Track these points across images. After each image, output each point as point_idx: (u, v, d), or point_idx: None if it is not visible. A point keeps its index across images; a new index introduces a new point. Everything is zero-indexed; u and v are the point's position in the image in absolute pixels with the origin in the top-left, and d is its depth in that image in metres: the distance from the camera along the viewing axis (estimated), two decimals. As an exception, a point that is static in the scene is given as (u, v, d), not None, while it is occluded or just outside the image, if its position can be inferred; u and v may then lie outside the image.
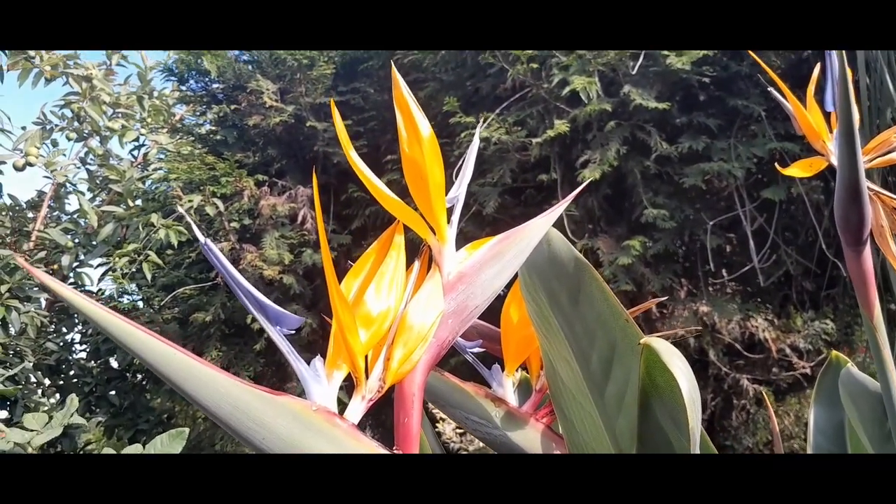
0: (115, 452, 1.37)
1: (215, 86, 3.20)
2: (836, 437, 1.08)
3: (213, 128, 3.20)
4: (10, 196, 4.44)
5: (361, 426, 0.54)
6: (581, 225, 2.50)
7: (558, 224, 2.61)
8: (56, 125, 4.01)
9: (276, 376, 3.05)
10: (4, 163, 3.85)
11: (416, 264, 0.63)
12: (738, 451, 3.87)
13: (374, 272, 0.61)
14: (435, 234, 0.62)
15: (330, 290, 0.52)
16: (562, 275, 0.70)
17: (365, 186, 0.59)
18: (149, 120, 4.06)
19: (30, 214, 4.36)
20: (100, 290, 4.09)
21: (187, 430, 1.41)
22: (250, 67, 3.17)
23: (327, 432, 0.51)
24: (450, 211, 0.65)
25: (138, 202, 3.67)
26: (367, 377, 0.55)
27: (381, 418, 3.26)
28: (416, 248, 0.64)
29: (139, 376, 3.91)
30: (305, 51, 2.85)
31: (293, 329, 0.54)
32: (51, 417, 1.35)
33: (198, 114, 3.45)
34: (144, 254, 2.69)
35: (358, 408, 0.55)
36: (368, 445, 0.52)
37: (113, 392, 3.89)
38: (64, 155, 4.07)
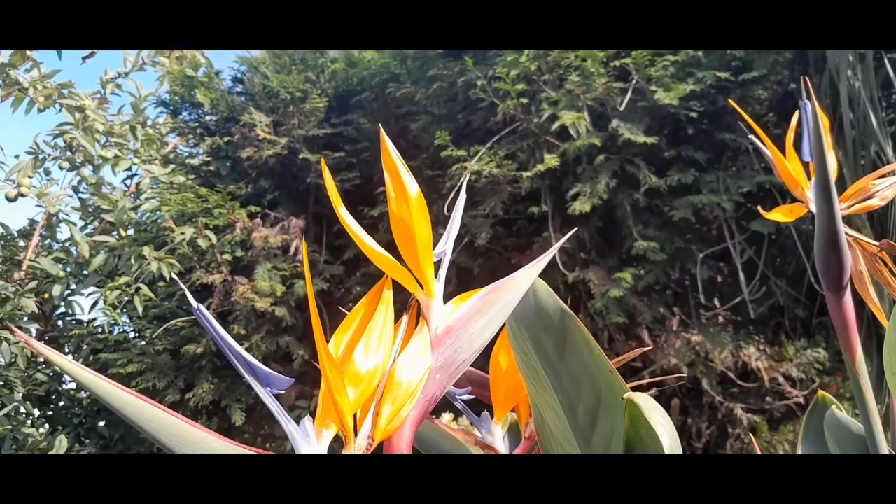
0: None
1: (208, 118, 3.23)
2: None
3: (207, 159, 3.22)
4: (2, 225, 4.44)
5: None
6: (572, 257, 2.52)
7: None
8: (49, 154, 4.02)
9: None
10: (-4, 193, 3.85)
11: (405, 318, 0.64)
12: (732, 481, 3.86)
13: (362, 328, 0.62)
14: (423, 288, 0.63)
15: (319, 352, 0.53)
16: (548, 326, 0.71)
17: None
18: (142, 150, 4.08)
19: (21, 243, 4.36)
20: (91, 319, 4.08)
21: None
22: (243, 99, 3.21)
23: (316, 492, 0.51)
24: (437, 265, 0.66)
25: (130, 232, 3.67)
26: (355, 435, 0.56)
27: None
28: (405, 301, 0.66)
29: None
30: (295, 82, 2.89)
31: (282, 390, 0.55)
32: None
33: (191, 144, 3.47)
34: (136, 287, 2.69)
35: (346, 466, 0.55)
36: None
37: (103, 423, 3.86)
38: (57, 184, 4.08)
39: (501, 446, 0.81)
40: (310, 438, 0.54)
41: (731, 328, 3.00)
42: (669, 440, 0.55)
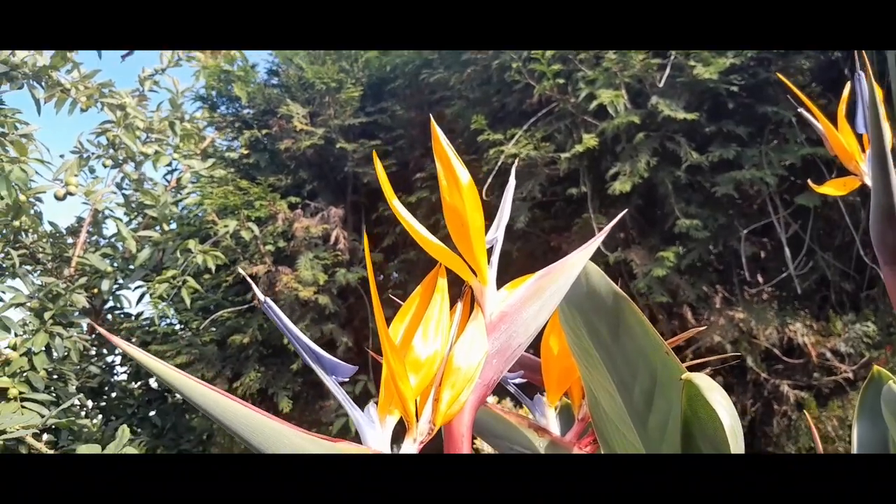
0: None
1: (245, 111, 3.27)
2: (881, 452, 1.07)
3: (245, 152, 3.27)
4: (51, 223, 4.58)
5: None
6: (613, 237, 2.50)
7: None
8: (92, 153, 4.13)
9: (313, 394, 3.09)
10: (44, 192, 3.97)
11: (459, 306, 0.65)
12: (782, 459, 3.80)
13: (419, 316, 0.63)
14: (476, 276, 0.64)
15: (381, 339, 0.54)
16: (601, 308, 0.71)
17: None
18: (181, 145, 4.15)
19: (69, 240, 4.48)
20: (139, 313, 4.19)
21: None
22: (279, 91, 3.24)
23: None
24: (489, 252, 0.67)
25: (173, 226, 3.75)
26: (417, 420, 0.57)
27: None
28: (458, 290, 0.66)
29: (179, 397, 3.98)
30: (329, 72, 2.91)
31: (347, 377, 0.57)
32: (103, 448, 1.39)
33: (229, 138, 3.52)
34: (182, 279, 2.75)
35: (410, 450, 0.57)
36: (422, 488, 0.54)
37: (154, 413, 3.97)
38: (101, 182, 4.18)
39: (555, 428, 0.82)
40: (374, 424, 0.56)
41: (776, 304, 2.95)
42: (730, 418, 0.55)
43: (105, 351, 4.22)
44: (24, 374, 3.35)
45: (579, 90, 2.35)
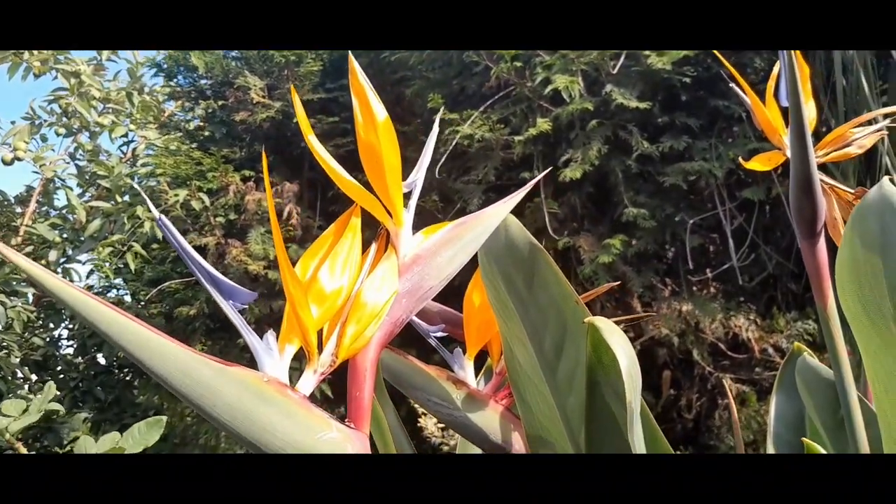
0: (94, 446, 1.38)
1: (203, 82, 3.21)
2: (797, 426, 1.11)
3: (201, 123, 3.21)
4: None
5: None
6: (564, 223, 2.53)
7: (541, 222, 2.64)
8: (45, 120, 4.01)
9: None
10: (-9, 157, 3.84)
11: (373, 246, 0.66)
12: (722, 451, 3.90)
13: (328, 253, 0.63)
14: (392, 217, 0.64)
15: (280, 266, 0.54)
16: (518, 260, 0.72)
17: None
18: (138, 116, 4.07)
19: (18, 209, 4.35)
20: (88, 286, 4.09)
21: (165, 418, 1.43)
22: (237, 63, 3.19)
23: (278, 402, 0.53)
24: (408, 196, 0.67)
25: (126, 198, 3.68)
26: (320, 352, 0.57)
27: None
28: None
29: (125, 371, 3.92)
30: (293, 49, 2.87)
31: (245, 303, 0.56)
32: (27, 405, 1.37)
33: (186, 110, 3.46)
34: (128, 245, 2.70)
35: (310, 380, 0.57)
36: (318, 415, 0.54)
37: (99, 387, 3.90)
38: (53, 150, 4.07)
39: (473, 381, 0.83)
40: (272, 351, 0.56)
41: (722, 298, 3.01)
42: (627, 360, 0.57)
43: (51, 325, 4.12)
44: (-36, 342, 3.26)
45: (536, 74, 2.37)
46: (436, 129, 0.74)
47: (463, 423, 0.79)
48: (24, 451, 1.33)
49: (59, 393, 3.82)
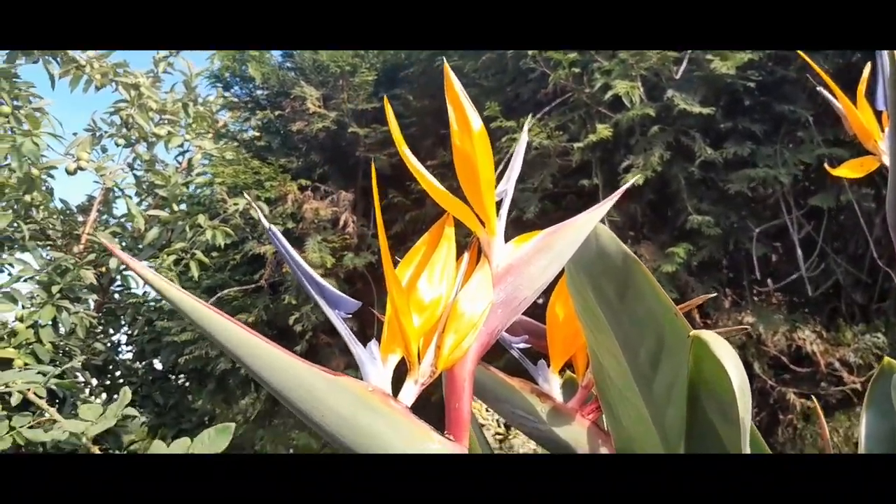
0: (166, 451, 1.41)
1: (259, 92, 3.27)
2: (889, 444, 1.05)
3: (257, 133, 3.26)
4: (62, 200, 4.59)
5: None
6: (624, 231, 2.48)
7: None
8: (105, 132, 4.14)
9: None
10: (56, 167, 3.98)
11: (466, 256, 0.65)
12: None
13: (425, 262, 0.62)
14: (484, 226, 0.63)
15: (386, 275, 0.53)
16: (609, 270, 0.70)
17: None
18: (194, 126, 4.16)
19: (80, 218, 4.49)
20: (145, 292, 4.20)
21: (233, 425, 1.44)
22: (293, 74, 3.24)
23: (383, 412, 0.52)
24: (499, 204, 0.66)
25: (183, 207, 3.76)
26: (419, 362, 0.56)
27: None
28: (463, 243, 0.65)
29: (182, 378, 4.01)
30: (344, 56, 2.90)
31: (350, 312, 0.56)
32: (105, 409, 1.40)
33: (241, 119, 3.52)
34: (191, 253, 2.75)
35: (411, 391, 0.56)
36: (420, 427, 0.53)
37: (157, 392, 3.99)
38: (112, 160, 4.20)
39: (558, 395, 0.81)
40: (376, 361, 0.55)
41: (786, 309, 2.92)
42: (738, 375, 0.54)
43: (111, 330, 4.24)
44: (30, 346, 3.37)
45: (595, 80, 2.33)
46: (524, 136, 0.73)
47: (548, 436, 0.77)
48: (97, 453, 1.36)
49: (117, 397, 3.93)
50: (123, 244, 4.00)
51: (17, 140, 3.46)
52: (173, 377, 4.08)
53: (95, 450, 1.38)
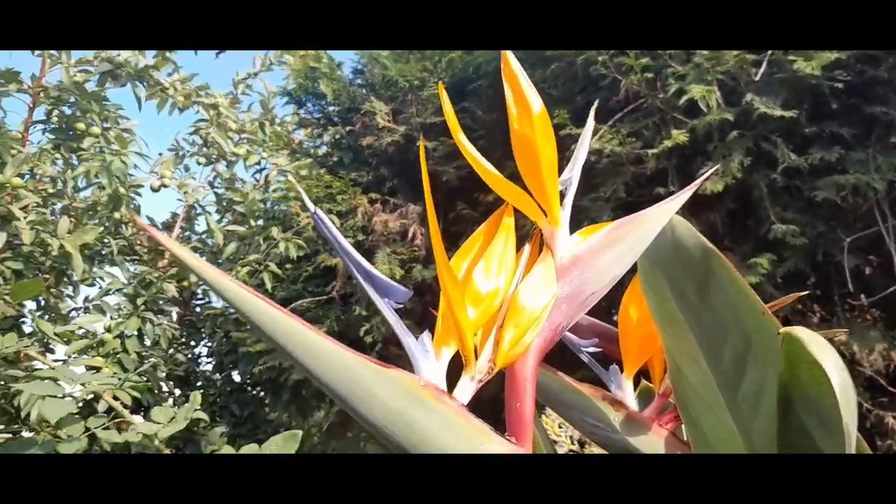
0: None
1: (331, 108, 3.33)
2: None
3: (329, 150, 3.32)
4: (148, 217, 4.79)
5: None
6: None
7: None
8: (187, 151, 4.32)
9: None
10: (142, 185, 4.17)
11: (527, 248, 0.61)
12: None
13: (481, 253, 0.58)
14: (547, 216, 0.59)
15: (438, 264, 0.50)
16: (688, 264, 0.64)
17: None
18: (270, 144, 4.29)
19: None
20: (224, 306, 4.33)
21: (300, 433, 1.44)
22: (364, 90, 3.28)
23: (436, 409, 0.48)
24: (562, 194, 0.62)
25: (259, 222, 3.87)
26: (476, 358, 0.53)
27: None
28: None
29: (258, 389, 4.09)
30: (413, 71, 2.91)
31: (401, 302, 0.53)
32: (175, 412, 1.42)
33: (315, 136, 3.60)
34: (265, 264, 2.81)
35: (468, 388, 0.52)
36: (477, 426, 0.49)
37: (234, 403, 4.09)
38: (194, 178, 4.37)
39: (632, 402, 0.75)
40: (429, 354, 0.51)
41: (882, 326, 2.71)
42: (840, 377, 0.47)
43: (192, 343, 4.39)
44: (117, 356, 3.51)
45: (668, 85, 2.24)
46: (591, 122, 0.68)
47: (623, 447, 0.72)
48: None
49: (198, 408, 4.05)
50: (204, 259, 4.13)
51: (107, 159, 3.64)
52: (249, 388, 4.18)
53: (168, 452, 1.40)
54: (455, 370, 0.53)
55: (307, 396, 3.27)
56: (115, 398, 1.43)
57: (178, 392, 4.20)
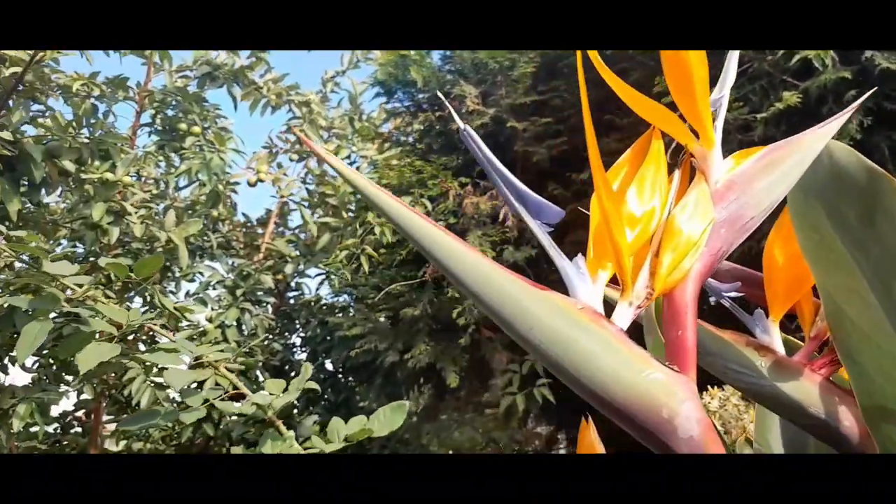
0: (345, 428, 1.45)
1: (420, 96, 3.34)
2: None
3: (418, 137, 3.34)
4: (244, 214, 4.99)
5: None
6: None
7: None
8: (280, 148, 4.47)
9: (480, 372, 3.08)
10: (238, 182, 4.34)
11: (677, 173, 0.58)
12: None
13: (631, 176, 0.56)
14: (699, 137, 0.56)
15: (596, 183, 0.48)
16: (850, 190, 0.59)
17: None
18: (359, 138, 4.37)
19: (259, 230, 4.87)
20: (318, 296, 4.46)
21: (408, 403, 1.45)
22: (451, 76, 3.28)
23: (596, 332, 0.47)
24: (713, 116, 0.59)
25: (351, 214, 3.95)
26: (632, 283, 0.50)
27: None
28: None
29: (350, 378, 4.19)
30: (503, 52, 2.88)
31: (554, 222, 0.51)
32: (287, 386, 1.46)
33: (404, 125, 3.63)
34: (361, 248, 2.87)
35: (626, 314, 0.50)
36: (640, 353, 0.47)
37: (329, 390, 4.21)
38: (286, 174, 4.52)
39: (779, 346, 0.70)
40: (585, 276, 0.49)
41: None
42: None
43: (287, 333, 4.54)
44: (219, 344, 3.66)
45: (778, 47, 2.12)
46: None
47: (771, 393, 0.67)
48: (283, 429, 1.42)
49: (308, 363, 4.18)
50: (298, 252, 4.28)
51: (207, 156, 3.80)
52: (342, 377, 4.28)
53: (280, 425, 1.43)
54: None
55: (400, 378, 3.31)
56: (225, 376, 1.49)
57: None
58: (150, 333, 2.60)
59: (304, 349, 4.61)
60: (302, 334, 4.56)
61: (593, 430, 0.81)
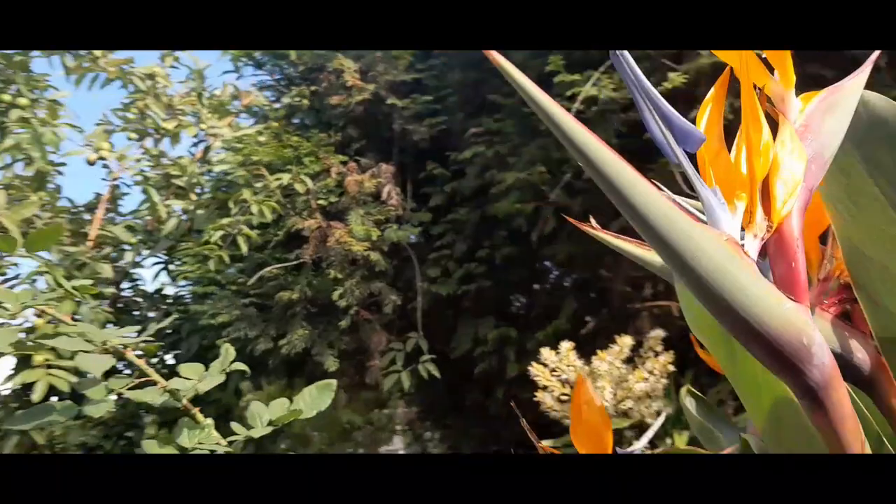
0: (266, 411, 1.34)
1: (291, 70, 3.18)
2: None
3: (287, 112, 3.18)
4: (68, 199, 4.46)
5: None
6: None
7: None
8: (117, 126, 4.06)
9: (360, 355, 3.01)
10: (65, 164, 3.85)
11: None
12: None
13: (717, 112, 0.56)
14: (779, 78, 0.57)
15: (744, 106, 0.47)
16: (890, 137, 0.63)
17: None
18: (208, 115, 4.07)
19: (85, 216, 4.39)
20: (159, 289, 4.09)
21: (335, 381, 1.36)
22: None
23: (742, 263, 0.47)
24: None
25: (206, 195, 3.67)
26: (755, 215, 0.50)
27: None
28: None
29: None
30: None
31: (695, 151, 0.50)
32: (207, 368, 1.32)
33: (271, 99, 3.43)
34: (238, 228, 2.68)
35: (753, 245, 0.50)
36: (770, 285, 0.48)
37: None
38: (125, 155, 4.10)
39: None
40: (725, 206, 0.49)
41: None
42: None
43: (127, 326, 4.13)
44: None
45: None
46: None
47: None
48: (200, 417, 1.28)
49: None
50: (139, 238, 3.95)
51: (38, 131, 3.38)
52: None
53: (197, 412, 1.30)
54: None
55: (272, 368, 3.13)
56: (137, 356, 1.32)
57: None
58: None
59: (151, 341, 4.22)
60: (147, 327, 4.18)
61: (590, 385, 0.81)
